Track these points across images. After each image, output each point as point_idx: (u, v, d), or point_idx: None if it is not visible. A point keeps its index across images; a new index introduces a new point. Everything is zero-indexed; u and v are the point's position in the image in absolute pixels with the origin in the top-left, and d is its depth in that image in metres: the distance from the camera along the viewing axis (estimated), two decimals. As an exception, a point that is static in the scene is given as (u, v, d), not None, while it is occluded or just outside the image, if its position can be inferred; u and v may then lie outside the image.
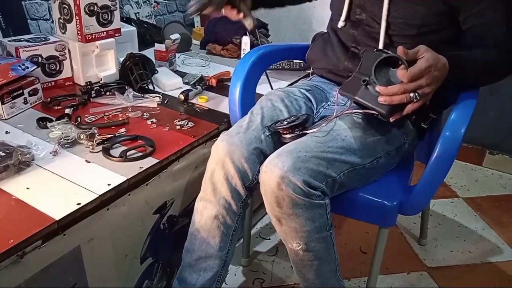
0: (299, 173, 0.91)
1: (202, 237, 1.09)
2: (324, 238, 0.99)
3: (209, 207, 1.08)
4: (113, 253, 1.06)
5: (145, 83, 1.52)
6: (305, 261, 1.01)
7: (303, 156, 0.93)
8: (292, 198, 0.92)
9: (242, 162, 1.03)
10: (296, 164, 0.92)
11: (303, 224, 0.95)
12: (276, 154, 0.96)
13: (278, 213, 0.96)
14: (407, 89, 0.90)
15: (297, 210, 0.93)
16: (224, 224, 1.08)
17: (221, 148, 1.05)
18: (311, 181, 0.92)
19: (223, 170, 1.04)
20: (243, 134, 1.05)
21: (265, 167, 0.96)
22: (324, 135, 1.00)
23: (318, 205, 0.94)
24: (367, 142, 1.02)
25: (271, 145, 1.07)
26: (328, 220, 0.97)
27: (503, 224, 1.76)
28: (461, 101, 1.03)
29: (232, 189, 1.05)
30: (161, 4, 2.39)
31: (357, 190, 1.06)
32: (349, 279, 1.44)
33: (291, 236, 0.98)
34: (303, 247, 0.98)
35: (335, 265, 1.04)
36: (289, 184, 0.91)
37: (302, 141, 0.99)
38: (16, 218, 0.89)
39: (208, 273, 1.09)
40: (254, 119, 1.10)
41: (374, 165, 1.04)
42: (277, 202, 0.94)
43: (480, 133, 2.05)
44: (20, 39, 1.47)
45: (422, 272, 1.50)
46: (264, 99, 1.18)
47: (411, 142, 1.13)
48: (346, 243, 1.60)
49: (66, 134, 1.16)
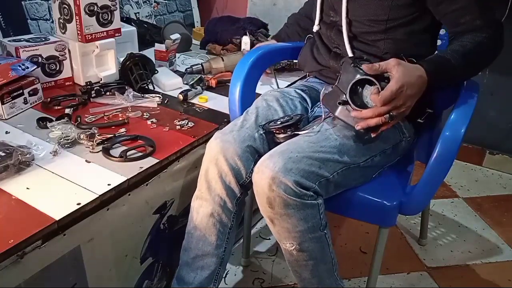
0: (290, 174, 0.91)
1: (199, 235, 1.10)
2: (318, 238, 0.99)
3: (204, 205, 1.08)
4: (113, 253, 1.06)
5: (145, 83, 1.52)
6: (300, 261, 1.01)
7: (294, 156, 0.94)
8: (283, 199, 0.92)
9: (235, 160, 1.04)
10: (287, 165, 0.92)
11: (295, 224, 0.95)
12: (268, 155, 0.97)
13: (271, 213, 0.96)
14: (381, 112, 0.91)
15: (289, 211, 0.93)
16: (220, 222, 1.09)
17: (215, 146, 1.05)
18: (303, 181, 0.92)
19: (217, 168, 1.05)
20: (236, 132, 1.06)
21: (257, 168, 0.96)
22: (316, 134, 1.01)
23: (310, 205, 0.94)
24: (361, 141, 1.02)
25: (265, 144, 1.07)
26: (321, 220, 0.97)
27: (503, 224, 1.76)
28: (461, 101, 1.03)
29: (226, 187, 1.06)
30: (161, 4, 2.39)
31: (356, 190, 1.06)
32: (349, 279, 1.44)
33: (284, 236, 0.99)
34: (296, 247, 0.99)
35: (332, 265, 1.04)
36: (280, 185, 0.91)
37: (294, 141, 0.99)
38: (16, 218, 0.89)
39: (206, 271, 1.10)
40: (249, 118, 1.11)
41: (369, 163, 1.04)
42: (269, 203, 0.94)
43: (480, 133, 2.05)
44: (20, 39, 1.46)
45: (422, 272, 1.50)
46: (260, 99, 1.19)
47: (408, 139, 1.13)
48: (346, 243, 1.60)
49: (66, 134, 1.16)
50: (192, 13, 2.54)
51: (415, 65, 0.94)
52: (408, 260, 1.55)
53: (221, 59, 1.71)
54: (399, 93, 0.89)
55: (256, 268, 1.48)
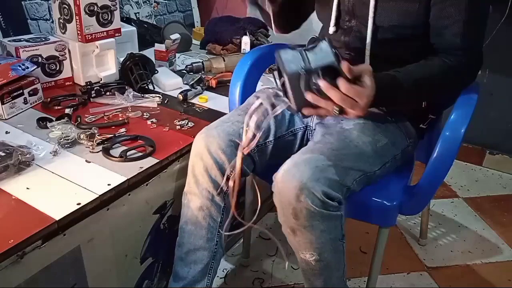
0: (319, 184, 0.87)
1: (190, 229, 1.10)
2: (337, 248, 0.97)
3: (193, 199, 1.09)
4: (113, 253, 1.06)
5: (145, 83, 1.52)
6: (316, 270, 1.00)
7: (321, 165, 0.90)
8: (310, 210, 0.88)
9: (219, 154, 1.03)
10: (316, 174, 0.88)
11: (318, 236, 0.93)
12: (293, 163, 0.92)
13: (294, 224, 0.93)
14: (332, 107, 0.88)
15: (314, 222, 0.90)
16: (209, 215, 1.09)
17: (200, 140, 1.06)
18: (330, 191, 0.88)
19: (202, 162, 1.05)
20: (221, 127, 1.06)
21: (281, 177, 0.92)
22: (336, 140, 0.98)
23: (334, 216, 0.91)
24: (377, 148, 1.01)
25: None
26: (342, 230, 0.96)
27: (503, 224, 1.76)
28: (461, 101, 1.03)
29: (213, 180, 1.06)
30: (161, 4, 2.39)
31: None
32: (349, 279, 1.44)
33: (305, 247, 0.96)
34: (316, 258, 0.96)
35: (343, 272, 1.03)
36: (308, 196, 0.87)
37: (317, 149, 0.96)
38: (16, 218, 0.89)
39: (198, 265, 1.10)
40: (236, 114, 1.11)
41: (382, 170, 1.03)
42: (294, 214, 0.91)
43: (480, 133, 2.04)
44: (20, 39, 1.47)
45: (422, 272, 1.50)
46: (252, 96, 1.18)
47: (412, 143, 1.13)
48: (346, 243, 1.60)
49: (66, 134, 1.16)
50: (192, 13, 2.54)
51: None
52: (408, 260, 1.55)
53: (222, 59, 1.71)
54: (362, 98, 0.87)
55: (256, 268, 1.48)
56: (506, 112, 2.04)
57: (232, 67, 1.57)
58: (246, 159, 1.03)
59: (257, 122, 0.94)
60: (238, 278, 1.44)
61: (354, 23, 1.09)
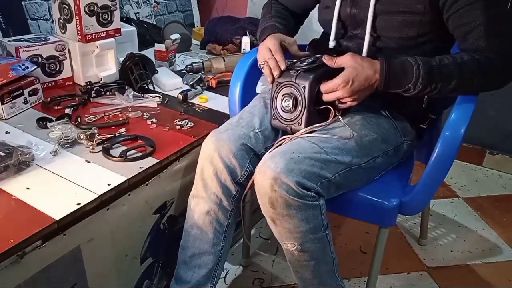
0: (292, 174, 0.91)
1: (196, 233, 1.10)
2: (319, 239, 0.99)
3: (201, 203, 1.08)
4: (113, 253, 1.06)
5: (145, 83, 1.52)
6: (301, 262, 1.02)
7: (296, 157, 0.94)
8: (285, 199, 0.92)
9: (230, 158, 1.04)
10: (289, 165, 0.92)
11: (297, 225, 0.95)
12: (270, 155, 0.96)
13: (272, 214, 0.96)
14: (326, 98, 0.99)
15: (291, 211, 0.93)
16: (216, 220, 1.09)
17: (210, 144, 1.06)
18: (305, 182, 0.92)
19: (212, 166, 1.05)
20: (231, 131, 1.06)
21: (259, 169, 0.96)
22: (317, 134, 1.01)
23: (312, 206, 0.94)
24: (363, 142, 1.02)
25: (261, 143, 1.07)
26: (323, 220, 0.97)
27: (503, 224, 1.76)
28: (461, 101, 1.03)
29: (222, 185, 1.06)
30: (161, 4, 2.39)
31: (357, 190, 1.06)
32: (349, 279, 1.44)
33: (286, 236, 0.99)
34: (298, 247, 0.99)
35: (333, 265, 1.04)
36: (282, 185, 0.91)
37: (296, 142, 0.99)
38: (16, 218, 0.89)
39: (203, 270, 1.10)
40: (245, 117, 1.11)
41: (371, 164, 1.04)
42: (271, 203, 0.94)
43: (480, 133, 2.04)
44: (20, 39, 1.47)
45: (422, 272, 1.50)
46: (258, 98, 1.19)
47: (410, 142, 1.13)
48: (346, 243, 1.60)
49: (66, 134, 1.16)
50: (192, 13, 2.54)
51: (371, 62, 0.96)
52: (408, 260, 1.55)
53: (222, 59, 1.71)
54: (342, 87, 0.94)
55: (256, 268, 1.48)
56: (506, 112, 2.04)
57: (232, 67, 1.57)
58: (255, 160, 1.05)
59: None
60: (238, 278, 1.44)
61: (359, 31, 1.10)
